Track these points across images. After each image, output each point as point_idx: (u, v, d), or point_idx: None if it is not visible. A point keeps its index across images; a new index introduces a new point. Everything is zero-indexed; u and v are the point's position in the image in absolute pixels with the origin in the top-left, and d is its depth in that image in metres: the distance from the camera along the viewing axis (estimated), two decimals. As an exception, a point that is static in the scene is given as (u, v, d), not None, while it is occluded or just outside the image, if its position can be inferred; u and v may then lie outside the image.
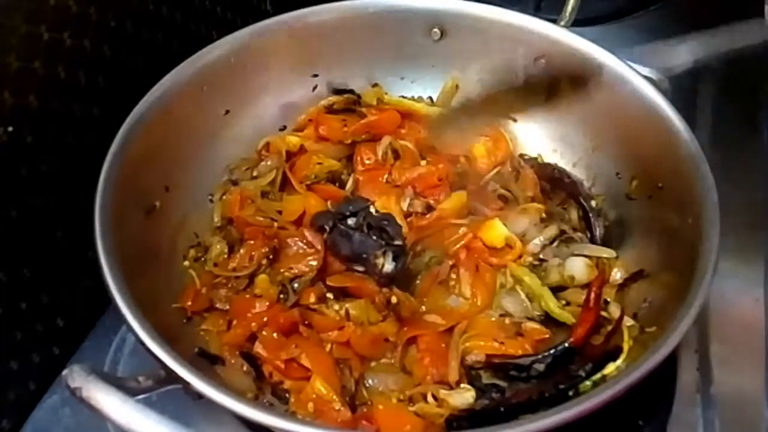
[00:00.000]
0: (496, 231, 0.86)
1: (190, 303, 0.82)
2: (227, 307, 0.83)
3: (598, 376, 0.74)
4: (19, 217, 0.80)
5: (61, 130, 0.83)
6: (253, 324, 0.79)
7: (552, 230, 0.88)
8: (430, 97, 1.02)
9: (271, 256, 0.84)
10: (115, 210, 0.74)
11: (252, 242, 0.86)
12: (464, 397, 0.74)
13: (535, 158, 0.98)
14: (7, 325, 0.81)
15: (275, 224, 0.87)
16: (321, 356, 0.77)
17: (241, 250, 0.86)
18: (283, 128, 1.00)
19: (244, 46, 0.92)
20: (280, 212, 0.89)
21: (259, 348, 0.77)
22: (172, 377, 0.61)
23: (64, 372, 0.57)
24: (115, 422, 0.54)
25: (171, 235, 0.87)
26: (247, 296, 0.82)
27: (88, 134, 0.86)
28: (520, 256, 0.87)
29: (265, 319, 0.79)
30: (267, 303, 0.80)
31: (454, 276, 0.85)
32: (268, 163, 0.93)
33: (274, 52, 0.94)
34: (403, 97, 1.01)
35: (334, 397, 0.73)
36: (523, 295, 0.84)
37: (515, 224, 0.88)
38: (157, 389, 0.63)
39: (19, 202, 0.80)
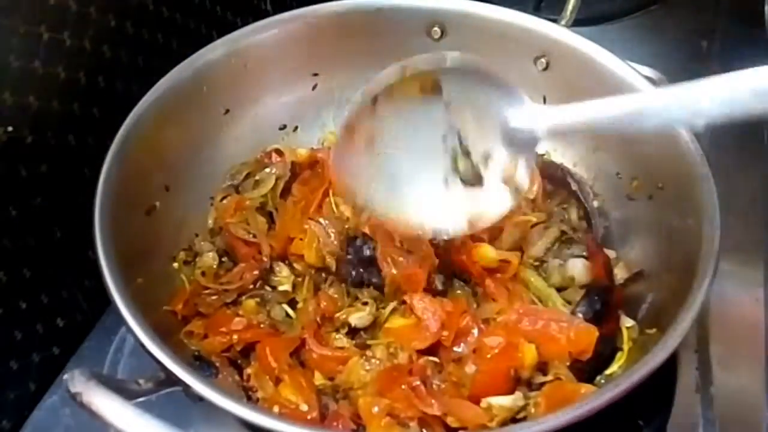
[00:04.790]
0: (487, 255, 0.84)
1: (180, 306, 0.81)
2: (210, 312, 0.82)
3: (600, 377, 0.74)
4: (19, 217, 0.80)
5: (61, 130, 0.83)
6: (221, 340, 0.78)
7: (553, 232, 0.88)
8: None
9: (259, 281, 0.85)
10: (115, 210, 0.74)
11: (244, 265, 0.85)
12: (513, 399, 0.71)
13: (543, 155, 0.97)
14: (7, 325, 0.81)
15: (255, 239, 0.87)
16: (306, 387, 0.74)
17: (234, 269, 0.85)
18: (283, 127, 1.00)
19: (244, 46, 0.92)
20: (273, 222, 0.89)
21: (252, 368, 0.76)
22: (172, 379, 0.61)
23: (65, 377, 0.57)
24: (117, 428, 0.54)
25: (171, 235, 0.87)
26: (228, 312, 0.82)
27: (88, 134, 0.86)
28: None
29: (235, 337, 0.78)
30: (245, 322, 0.79)
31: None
32: (273, 171, 0.93)
33: (274, 52, 0.94)
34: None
35: (301, 401, 0.71)
36: (534, 298, 0.84)
37: (509, 239, 0.87)
38: (157, 392, 0.62)
39: (19, 202, 0.80)
